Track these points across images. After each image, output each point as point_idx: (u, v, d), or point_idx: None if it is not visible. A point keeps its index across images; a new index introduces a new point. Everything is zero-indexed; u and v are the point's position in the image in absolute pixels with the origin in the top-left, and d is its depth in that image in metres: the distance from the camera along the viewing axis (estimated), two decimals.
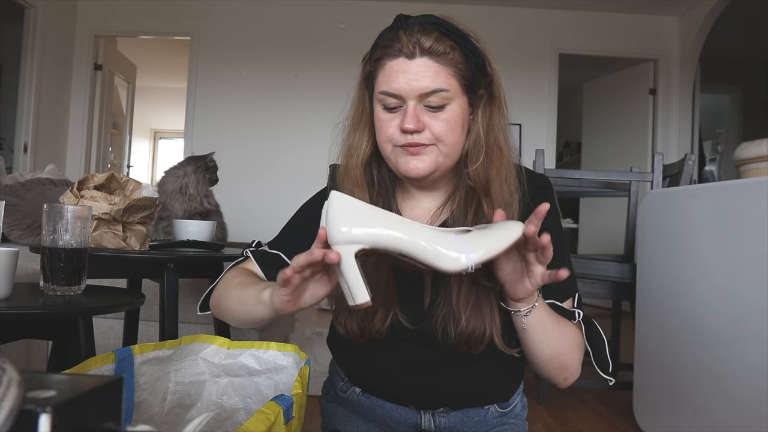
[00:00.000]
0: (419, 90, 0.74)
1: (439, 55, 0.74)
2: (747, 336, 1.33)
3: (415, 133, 0.75)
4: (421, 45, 0.74)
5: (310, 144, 4.31)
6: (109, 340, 1.96)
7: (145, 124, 8.56)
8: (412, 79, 0.74)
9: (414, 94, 0.74)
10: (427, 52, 0.74)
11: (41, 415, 0.30)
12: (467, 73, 0.77)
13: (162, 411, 0.82)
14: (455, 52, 0.75)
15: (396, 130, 0.77)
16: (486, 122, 0.80)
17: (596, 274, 2.07)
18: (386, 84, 0.76)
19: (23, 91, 4.08)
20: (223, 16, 4.60)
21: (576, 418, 1.99)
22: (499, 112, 0.81)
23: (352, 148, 0.84)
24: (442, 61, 0.74)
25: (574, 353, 0.77)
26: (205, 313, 0.92)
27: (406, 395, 0.85)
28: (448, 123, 0.76)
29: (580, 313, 0.80)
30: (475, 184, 0.79)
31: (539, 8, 4.59)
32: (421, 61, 0.74)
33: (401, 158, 0.78)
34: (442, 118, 0.76)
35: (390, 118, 0.77)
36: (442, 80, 0.74)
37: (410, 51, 0.74)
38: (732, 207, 1.43)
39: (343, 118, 0.86)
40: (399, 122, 0.76)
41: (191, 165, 1.74)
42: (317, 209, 0.87)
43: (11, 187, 2.00)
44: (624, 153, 4.75)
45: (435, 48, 0.74)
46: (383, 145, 0.80)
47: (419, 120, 0.75)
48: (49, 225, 0.92)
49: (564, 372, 0.78)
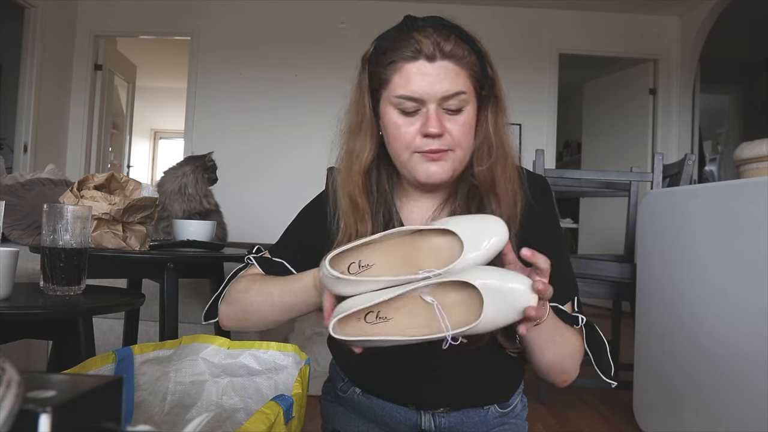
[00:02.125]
0: (441, 93, 0.73)
1: (459, 59, 0.74)
2: (747, 336, 1.33)
3: (437, 138, 0.74)
4: (442, 48, 0.73)
5: (310, 144, 4.30)
6: (109, 340, 1.96)
7: (145, 124, 8.56)
8: (435, 83, 0.73)
9: (435, 98, 0.73)
10: (447, 55, 0.73)
11: (41, 415, 0.30)
12: (480, 76, 0.77)
13: (162, 411, 0.83)
14: (471, 56, 0.75)
15: (415, 136, 0.75)
16: (492, 123, 0.80)
17: (596, 274, 2.07)
18: (405, 87, 0.73)
19: (23, 91, 4.08)
20: (223, 16, 4.60)
21: (576, 418, 1.99)
22: (502, 112, 0.81)
23: (353, 156, 0.81)
24: (461, 64, 0.74)
25: (575, 359, 0.77)
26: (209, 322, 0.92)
27: (406, 395, 0.85)
28: (465, 127, 0.75)
29: (583, 319, 0.79)
30: (480, 183, 0.79)
31: (539, 8, 4.59)
32: (442, 64, 0.73)
33: (420, 165, 0.76)
34: (461, 122, 0.75)
35: (407, 123, 0.75)
36: (462, 83, 0.74)
37: (431, 53, 0.72)
38: (732, 207, 1.42)
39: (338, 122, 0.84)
40: (418, 127, 0.75)
41: (190, 165, 1.73)
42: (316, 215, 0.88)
43: (11, 187, 2.00)
44: (624, 153, 4.75)
45: (455, 52, 0.73)
46: (399, 152, 0.77)
47: (442, 124, 0.74)
48: (49, 225, 0.92)
49: (563, 375, 0.79)
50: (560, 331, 0.75)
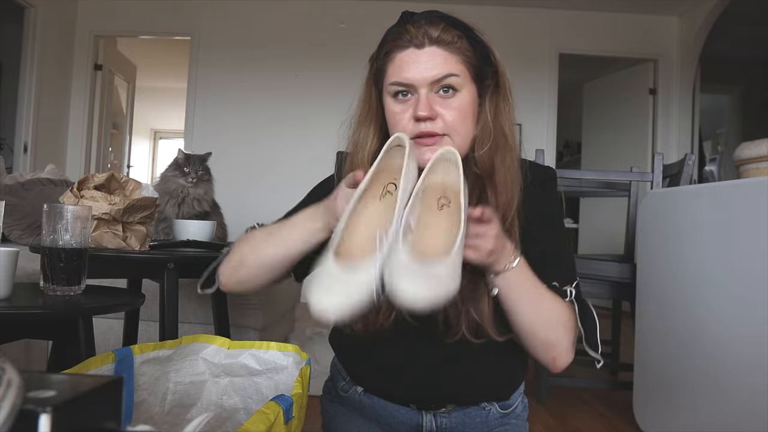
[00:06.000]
0: (430, 78, 0.75)
1: (448, 44, 0.76)
2: (747, 336, 1.33)
3: (428, 121, 0.76)
4: (430, 35, 0.75)
5: (310, 144, 4.30)
6: (109, 340, 1.96)
7: (145, 124, 8.55)
8: (424, 69, 0.75)
9: (425, 82, 0.75)
10: (435, 41, 0.75)
11: (41, 415, 0.30)
12: (475, 62, 0.78)
13: (162, 411, 0.82)
14: (462, 41, 0.77)
15: (409, 122, 0.77)
16: (493, 110, 0.81)
17: (596, 274, 2.07)
18: (397, 74, 0.77)
19: (23, 91, 4.08)
20: (223, 16, 4.60)
21: (576, 418, 1.99)
22: (505, 101, 0.82)
23: (358, 145, 0.84)
24: (450, 49, 0.76)
25: (560, 330, 0.76)
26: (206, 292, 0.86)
27: (408, 394, 0.85)
28: (460, 111, 0.77)
29: (572, 292, 0.79)
30: (480, 170, 0.80)
31: (539, 8, 4.59)
32: (430, 50, 0.75)
33: (416, 151, 0.78)
34: (454, 106, 0.76)
35: (403, 110, 0.78)
36: (452, 66, 0.75)
37: (419, 41, 0.75)
38: (732, 207, 1.42)
39: (348, 116, 0.87)
40: (412, 112, 0.77)
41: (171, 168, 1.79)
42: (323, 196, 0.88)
43: (11, 187, 2.00)
44: (624, 153, 4.75)
45: (443, 37, 0.75)
46: None
47: (432, 108, 0.75)
48: (49, 225, 0.92)
49: (551, 350, 0.76)
50: (539, 290, 0.75)
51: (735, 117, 5.89)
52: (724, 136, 6.00)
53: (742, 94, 5.84)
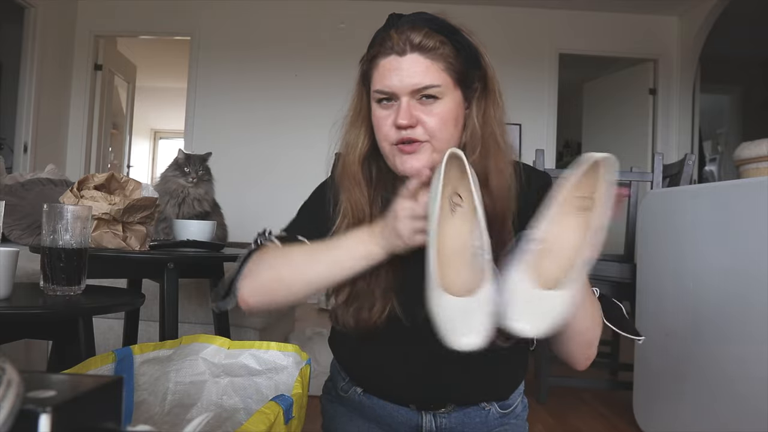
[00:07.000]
0: (411, 86, 0.75)
1: (429, 51, 0.75)
2: (747, 336, 1.33)
3: (408, 129, 0.76)
4: (411, 41, 0.75)
5: (310, 144, 4.30)
6: (109, 340, 1.96)
7: (145, 124, 8.55)
8: (405, 76, 0.75)
9: (406, 91, 0.75)
10: (417, 48, 0.75)
11: (41, 415, 0.30)
12: (459, 67, 0.77)
13: (162, 411, 0.83)
14: (445, 47, 0.76)
15: (391, 128, 0.77)
16: (482, 115, 0.80)
17: (596, 274, 2.07)
18: (380, 82, 0.77)
19: (23, 91, 4.08)
20: (223, 16, 4.60)
21: (576, 418, 1.99)
22: (495, 105, 0.81)
23: (349, 145, 0.85)
24: (432, 56, 0.75)
25: (598, 330, 0.77)
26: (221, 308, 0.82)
27: (408, 395, 0.85)
28: (441, 118, 0.76)
29: (597, 290, 0.80)
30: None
31: (539, 8, 4.59)
32: (411, 57, 0.75)
33: (398, 158, 0.79)
34: (435, 112, 0.76)
35: (386, 116, 0.78)
36: (434, 75, 0.75)
37: (401, 48, 0.75)
38: (732, 207, 1.42)
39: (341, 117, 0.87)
40: (393, 119, 0.77)
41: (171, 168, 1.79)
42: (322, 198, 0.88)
43: (11, 187, 2.00)
44: (624, 153, 4.74)
45: (424, 43, 0.75)
46: (381, 144, 0.81)
47: (412, 115, 0.75)
48: (49, 225, 0.92)
49: (589, 350, 0.78)
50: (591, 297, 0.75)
51: (735, 117, 5.89)
52: (724, 136, 6.00)
53: (742, 94, 5.84)
